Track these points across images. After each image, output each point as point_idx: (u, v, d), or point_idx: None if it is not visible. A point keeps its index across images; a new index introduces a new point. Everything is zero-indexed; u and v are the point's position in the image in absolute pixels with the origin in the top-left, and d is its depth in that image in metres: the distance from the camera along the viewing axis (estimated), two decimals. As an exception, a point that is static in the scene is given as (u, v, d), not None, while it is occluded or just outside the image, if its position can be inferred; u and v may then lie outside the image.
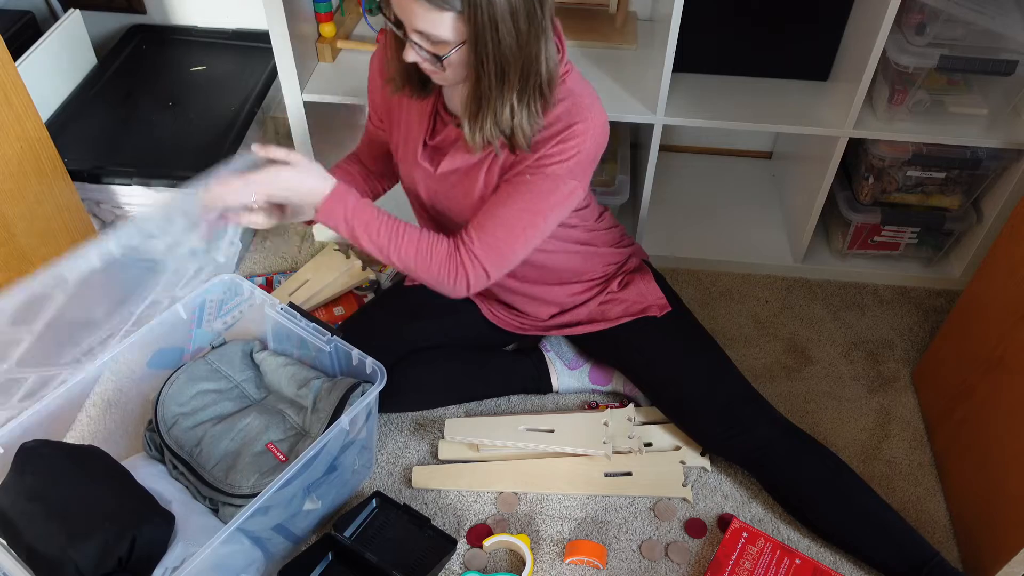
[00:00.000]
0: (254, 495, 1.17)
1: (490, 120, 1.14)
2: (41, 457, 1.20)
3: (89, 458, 1.24)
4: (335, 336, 1.36)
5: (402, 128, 1.34)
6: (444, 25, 1.04)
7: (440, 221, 1.40)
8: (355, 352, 1.34)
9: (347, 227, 1.19)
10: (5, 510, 1.16)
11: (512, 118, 1.13)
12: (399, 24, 1.09)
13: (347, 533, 1.37)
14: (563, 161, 1.19)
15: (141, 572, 1.15)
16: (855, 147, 1.72)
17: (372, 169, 1.48)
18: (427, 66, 1.12)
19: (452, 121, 1.27)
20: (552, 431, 1.48)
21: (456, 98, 1.25)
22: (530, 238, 1.23)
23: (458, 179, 1.28)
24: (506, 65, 1.07)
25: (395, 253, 1.21)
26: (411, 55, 1.10)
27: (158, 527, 1.19)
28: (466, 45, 1.06)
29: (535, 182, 1.20)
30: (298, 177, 1.15)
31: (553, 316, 1.52)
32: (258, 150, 1.15)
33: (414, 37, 1.07)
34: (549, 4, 1.08)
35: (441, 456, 1.50)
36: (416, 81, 1.23)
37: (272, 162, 1.15)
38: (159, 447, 1.39)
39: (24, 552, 1.13)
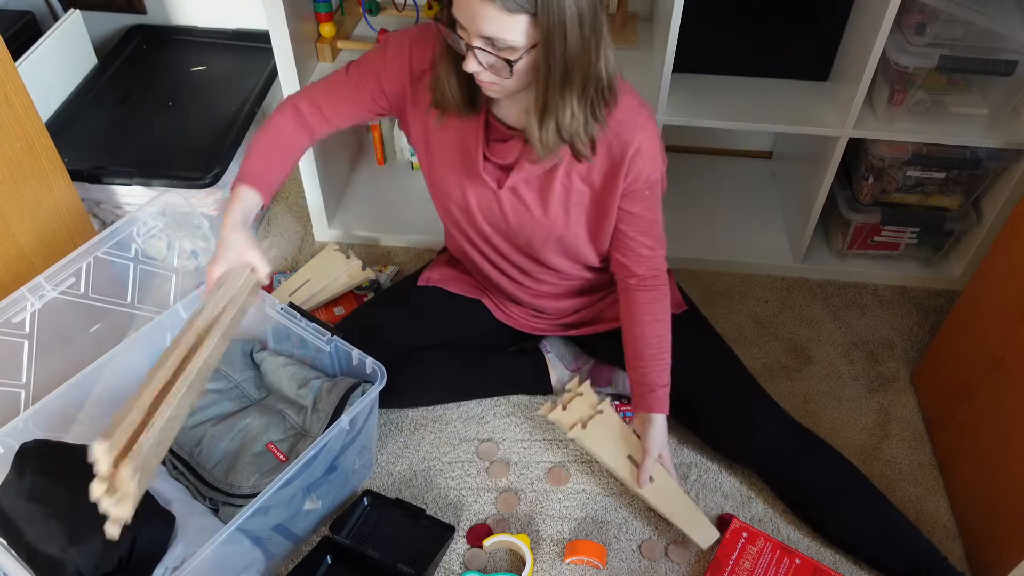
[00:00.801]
0: (254, 495, 1.17)
1: (553, 125, 1.12)
2: (41, 457, 1.20)
3: (83, 459, 1.24)
4: (335, 336, 1.36)
5: (441, 145, 1.30)
6: (516, 28, 1.01)
7: (489, 235, 1.38)
8: (355, 352, 1.34)
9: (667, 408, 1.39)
10: (5, 510, 1.16)
11: (573, 123, 1.12)
12: (456, 32, 1.06)
13: (343, 533, 1.37)
14: (651, 173, 1.25)
15: (141, 572, 1.16)
16: (855, 147, 1.72)
17: (318, 133, 1.34)
18: (487, 76, 1.09)
19: (512, 134, 1.24)
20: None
21: (512, 109, 1.22)
22: (663, 230, 1.36)
23: (526, 193, 1.28)
24: (571, 68, 1.06)
25: (669, 342, 1.39)
26: (472, 64, 1.07)
27: (158, 527, 1.19)
28: (535, 49, 1.04)
29: (646, 197, 1.28)
30: (663, 443, 1.39)
31: (561, 317, 1.52)
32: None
33: (478, 44, 1.04)
34: (603, 12, 1.08)
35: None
36: (466, 99, 1.20)
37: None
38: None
39: (24, 552, 1.13)
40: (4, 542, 1.15)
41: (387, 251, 1.94)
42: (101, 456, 0.95)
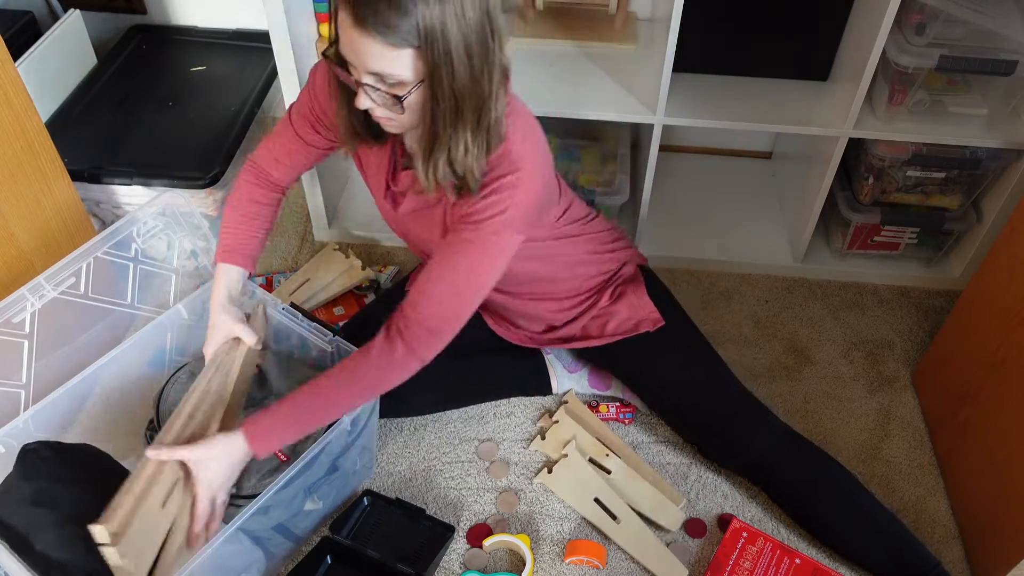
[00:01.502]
0: (255, 495, 1.17)
1: (444, 159, 1.08)
2: (44, 460, 1.19)
3: (90, 459, 1.24)
4: (337, 336, 1.36)
5: (365, 163, 1.31)
6: (401, 63, 0.99)
7: (419, 247, 1.40)
8: (356, 351, 1.34)
9: (292, 436, 1.17)
10: (8, 519, 1.14)
11: (466, 157, 1.08)
12: (346, 69, 1.04)
13: (343, 533, 1.37)
14: (490, 218, 1.13)
15: None
16: (855, 147, 1.72)
17: (287, 186, 1.37)
18: (381, 112, 1.07)
19: (410, 163, 1.24)
20: (617, 520, 1.42)
21: (414, 138, 1.20)
22: (462, 297, 1.18)
23: (420, 218, 1.28)
24: (461, 101, 1.03)
25: (346, 404, 1.20)
26: (364, 101, 1.04)
27: None
28: (423, 83, 1.01)
29: (465, 238, 1.15)
30: (220, 469, 1.13)
31: (545, 331, 1.52)
32: (152, 455, 1.11)
33: (368, 80, 1.02)
34: (499, 37, 1.04)
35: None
36: (369, 131, 1.17)
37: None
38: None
39: (39, 561, 1.10)
40: (15, 554, 1.11)
41: (387, 251, 1.94)
42: (99, 536, 1.02)
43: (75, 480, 1.18)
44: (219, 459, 1.13)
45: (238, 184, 1.34)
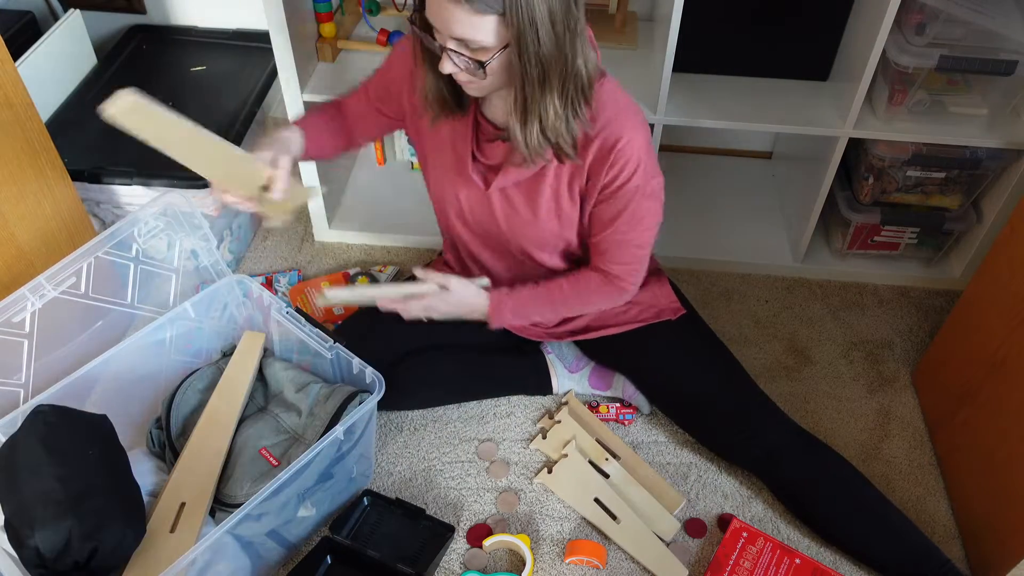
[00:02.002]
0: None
1: (537, 126, 1.12)
2: (46, 426, 1.17)
3: (93, 437, 1.22)
4: (337, 343, 1.36)
5: (436, 146, 1.30)
6: (486, 29, 1.01)
7: (489, 244, 1.38)
8: (355, 360, 1.34)
9: (518, 322, 1.38)
10: (2, 467, 1.15)
11: (556, 122, 1.12)
12: (431, 34, 1.07)
13: (343, 533, 1.37)
14: (631, 178, 1.21)
15: (99, 574, 1.14)
16: (855, 147, 1.72)
17: (355, 133, 1.42)
18: (464, 76, 1.10)
19: (499, 135, 1.24)
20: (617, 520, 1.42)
21: (500, 109, 1.23)
22: (646, 242, 1.33)
23: (515, 195, 1.27)
24: (547, 67, 1.05)
25: (564, 310, 1.39)
26: (448, 66, 1.07)
27: (124, 540, 1.15)
28: (507, 49, 1.04)
29: (621, 201, 1.24)
30: (459, 299, 1.33)
31: (560, 323, 1.52)
32: (419, 274, 1.32)
33: (452, 45, 1.05)
34: (582, 4, 1.06)
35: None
36: (452, 99, 1.20)
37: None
38: (162, 445, 1.39)
39: (6, 513, 1.13)
40: None
41: (387, 251, 1.94)
42: None
43: (66, 456, 1.16)
44: (462, 296, 1.33)
45: (315, 108, 1.40)
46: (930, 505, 1.47)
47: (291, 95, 1.67)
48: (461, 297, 1.33)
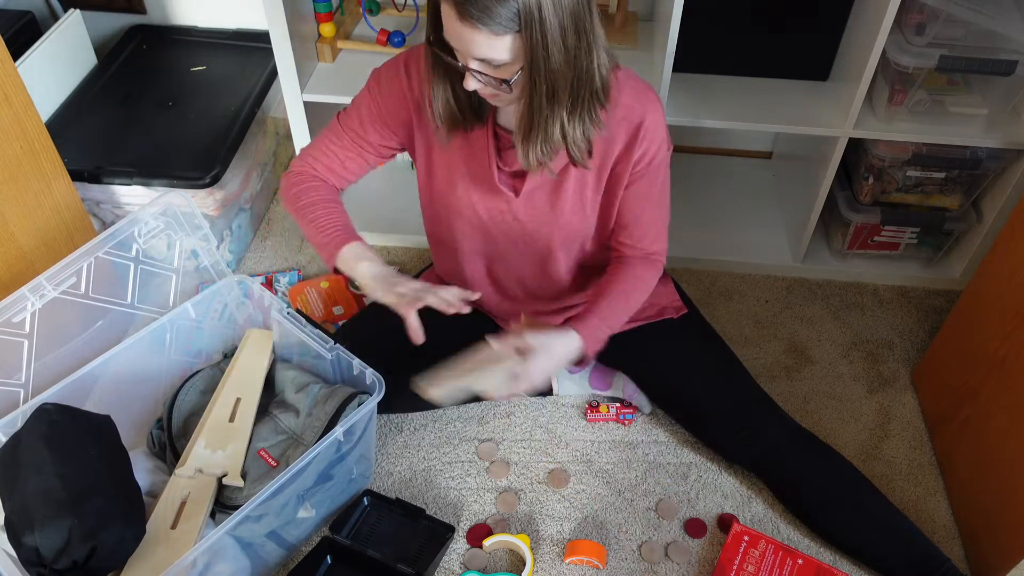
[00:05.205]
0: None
1: (541, 138, 1.12)
2: (50, 424, 1.17)
3: (95, 436, 1.22)
4: (337, 344, 1.36)
5: (446, 159, 1.29)
6: (504, 47, 1.01)
7: (498, 249, 1.37)
8: (356, 361, 1.34)
9: (603, 339, 1.29)
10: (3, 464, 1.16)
11: (564, 136, 1.12)
12: (454, 55, 1.07)
13: (343, 533, 1.37)
14: (656, 152, 1.23)
15: (97, 574, 1.14)
16: (855, 147, 1.72)
17: (341, 191, 1.37)
18: (489, 91, 1.10)
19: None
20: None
21: (514, 117, 1.21)
22: (668, 215, 1.35)
23: (540, 197, 1.27)
24: (556, 82, 1.05)
25: (635, 308, 1.33)
26: (472, 84, 1.07)
27: (124, 540, 1.16)
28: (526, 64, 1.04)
29: (649, 179, 1.26)
30: (555, 357, 1.22)
31: (564, 322, 1.51)
32: (496, 346, 1.21)
33: (475, 66, 1.05)
34: (596, 11, 1.06)
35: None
36: (470, 112, 1.20)
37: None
38: (162, 445, 1.39)
39: (6, 511, 1.13)
40: None
41: (387, 251, 1.94)
42: None
43: (68, 454, 1.16)
44: (555, 349, 1.22)
45: (302, 186, 1.30)
46: (930, 505, 1.47)
47: (291, 95, 1.67)
48: (557, 354, 1.23)
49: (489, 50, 1.01)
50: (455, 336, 1.54)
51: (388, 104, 1.26)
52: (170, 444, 1.37)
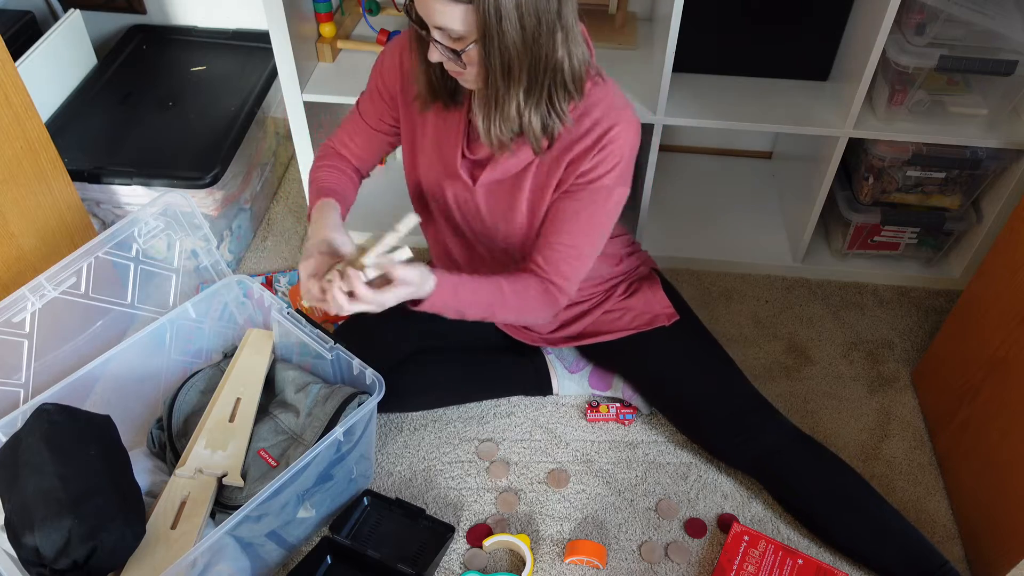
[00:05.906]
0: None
1: (499, 116, 1.12)
2: (50, 424, 1.18)
3: (95, 437, 1.22)
4: (337, 344, 1.36)
5: (422, 138, 1.30)
6: (457, 17, 1.02)
7: (465, 236, 1.38)
8: (355, 361, 1.34)
9: (456, 312, 1.21)
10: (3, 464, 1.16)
11: (520, 117, 1.12)
12: (422, 24, 1.08)
13: (343, 533, 1.37)
14: (608, 172, 1.19)
15: (96, 574, 1.14)
16: (855, 147, 1.72)
17: (363, 170, 1.42)
18: (450, 65, 1.11)
19: None
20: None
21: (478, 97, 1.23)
22: (593, 254, 1.28)
23: (500, 191, 1.27)
24: (511, 61, 1.05)
25: (500, 313, 1.25)
26: (435, 54, 1.09)
27: (124, 540, 1.16)
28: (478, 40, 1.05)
29: (586, 200, 1.21)
30: (412, 291, 1.15)
31: (556, 330, 1.52)
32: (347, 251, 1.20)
33: (436, 35, 1.06)
34: (572, 3, 1.06)
35: None
36: (445, 90, 1.21)
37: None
38: (162, 445, 1.39)
39: (6, 512, 1.13)
40: None
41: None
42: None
43: (68, 455, 1.16)
44: (414, 287, 1.15)
45: (322, 165, 1.37)
46: (930, 505, 1.47)
47: (291, 95, 1.67)
48: (416, 290, 1.16)
49: (442, 17, 1.03)
50: (458, 336, 1.55)
51: (386, 78, 1.30)
52: (170, 444, 1.38)
